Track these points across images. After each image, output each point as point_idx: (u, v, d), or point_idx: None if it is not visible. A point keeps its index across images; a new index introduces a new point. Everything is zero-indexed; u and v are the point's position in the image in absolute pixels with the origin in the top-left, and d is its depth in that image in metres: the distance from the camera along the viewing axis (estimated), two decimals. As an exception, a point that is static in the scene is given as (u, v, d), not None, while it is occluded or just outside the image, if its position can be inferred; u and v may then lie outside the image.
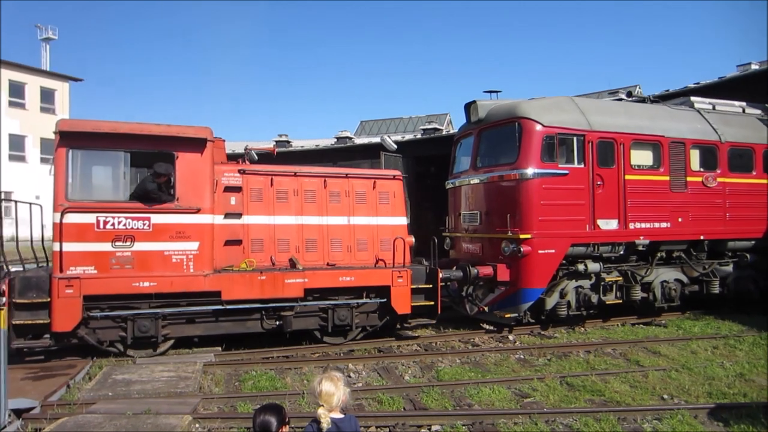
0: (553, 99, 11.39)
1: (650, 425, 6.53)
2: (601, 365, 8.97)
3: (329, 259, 10.22)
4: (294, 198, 10.19)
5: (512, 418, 6.62)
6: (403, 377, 8.61)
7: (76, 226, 8.60)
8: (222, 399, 7.42)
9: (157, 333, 9.07)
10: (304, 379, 8.38)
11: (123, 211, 8.80)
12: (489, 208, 11.25)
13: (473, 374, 8.60)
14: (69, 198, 8.61)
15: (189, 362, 8.87)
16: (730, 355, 9.48)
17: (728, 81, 16.29)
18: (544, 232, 10.50)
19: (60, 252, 8.49)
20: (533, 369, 8.86)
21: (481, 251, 11.40)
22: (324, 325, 9.98)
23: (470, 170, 11.78)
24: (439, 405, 7.22)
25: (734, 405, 7.02)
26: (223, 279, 9.25)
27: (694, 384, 7.99)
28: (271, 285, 9.44)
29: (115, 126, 8.91)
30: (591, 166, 10.85)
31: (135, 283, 8.82)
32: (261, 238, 9.93)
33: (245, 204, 9.84)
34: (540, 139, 10.53)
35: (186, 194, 9.09)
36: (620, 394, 7.52)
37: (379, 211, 10.62)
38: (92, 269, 8.65)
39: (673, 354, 9.57)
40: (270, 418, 3.32)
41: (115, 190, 9.00)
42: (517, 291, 10.62)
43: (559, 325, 11.39)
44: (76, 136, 8.69)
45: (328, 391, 3.51)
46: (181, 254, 9.06)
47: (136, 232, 8.85)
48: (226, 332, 9.59)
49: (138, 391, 7.46)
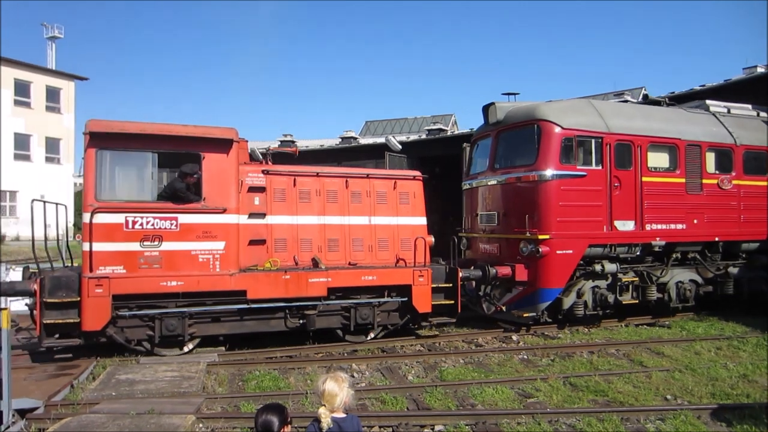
0: (571, 101, 11.56)
1: (653, 425, 6.57)
2: (604, 366, 9.04)
3: (351, 259, 10.36)
4: (316, 198, 10.32)
5: (515, 418, 6.65)
6: (407, 377, 8.67)
7: (106, 226, 8.73)
8: (225, 399, 7.46)
9: (184, 332, 9.20)
10: (308, 379, 8.44)
11: (151, 211, 8.93)
12: (507, 208, 11.39)
13: (476, 374, 8.66)
14: (98, 198, 8.73)
15: (192, 362, 8.95)
16: (733, 356, 9.55)
17: (734, 83, 16.44)
18: (562, 232, 10.64)
19: (90, 252, 8.62)
20: (537, 369, 8.93)
21: (499, 251, 11.55)
22: (346, 323, 10.13)
23: (488, 171, 11.93)
24: (442, 405, 7.28)
25: (737, 406, 7.08)
26: (248, 278, 9.39)
27: (698, 385, 8.04)
28: (295, 284, 9.59)
29: (142, 127, 9.04)
30: (609, 168, 11.01)
31: (163, 283, 8.96)
32: (284, 237, 10.07)
33: (269, 204, 9.97)
34: (559, 141, 10.68)
35: (212, 194, 9.23)
36: (623, 395, 7.57)
37: (399, 211, 10.77)
38: (121, 269, 8.78)
39: (676, 355, 9.64)
40: (272, 417, 3.32)
41: (143, 191, 9.11)
42: (535, 291, 10.77)
43: (576, 325, 11.53)
44: (104, 136, 8.80)
45: (331, 391, 3.51)
46: (207, 254, 9.20)
47: (163, 232, 8.98)
48: (250, 331, 9.73)
49: (141, 391, 7.51)
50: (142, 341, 9.23)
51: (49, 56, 41.49)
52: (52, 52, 41.50)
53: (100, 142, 8.81)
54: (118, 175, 9.09)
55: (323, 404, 3.52)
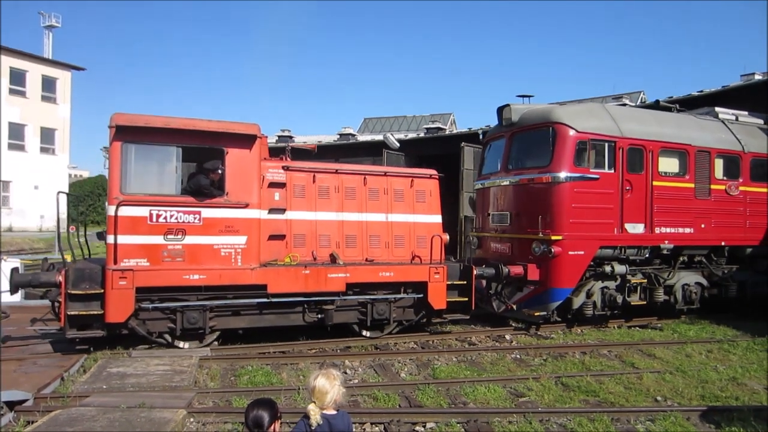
0: (586, 105, 11.79)
1: (643, 426, 6.66)
2: (596, 366, 9.16)
3: (368, 255, 10.52)
4: (335, 195, 10.47)
5: (507, 416, 6.71)
6: (399, 374, 8.73)
7: (130, 219, 8.83)
8: (217, 393, 7.46)
9: (205, 325, 9.33)
10: (300, 375, 8.47)
11: (175, 205, 9.04)
12: (519, 209, 11.62)
13: (469, 373, 8.72)
14: (123, 191, 8.83)
15: (185, 356, 8.98)
16: (723, 359, 9.72)
17: (732, 90, 16.71)
18: (574, 234, 10.88)
19: (114, 244, 8.72)
20: (529, 369, 9.04)
21: (510, 251, 11.78)
22: (363, 319, 10.31)
23: (501, 172, 12.14)
24: (434, 403, 7.31)
25: (726, 408, 7.19)
26: (269, 273, 9.54)
27: (688, 387, 8.16)
28: (314, 279, 9.76)
29: (167, 121, 9.15)
30: (621, 171, 11.27)
31: (185, 276, 9.08)
32: (303, 233, 10.21)
33: (288, 200, 10.10)
34: (573, 144, 10.92)
35: (235, 189, 9.36)
36: (614, 395, 7.67)
37: (415, 208, 10.94)
38: (145, 261, 8.89)
39: (667, 357, 9.78)
40: (262, 412, 3.31)
41: (167, 184, 9.19)
42: (546, 290, 11.00)
43: (585, 324, 11.79)
44: (130, 130, 8.90)
45: (321, 388, 3.48)
46: (229, 248, 9.33)
47: (187, 225, 9.10)
48: (269, 325, 9.88)
49: (133, 385, 7.50)
50: (163, 334, 9.36)
51: (46, 45, 41.23)
52: (49, 41, 41.22)
53: (126, 135, 8.90)
54: (142, 169, 9.14)
55: (313, 401, 3.49)
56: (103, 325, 8.84)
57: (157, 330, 9.29)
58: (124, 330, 9.10)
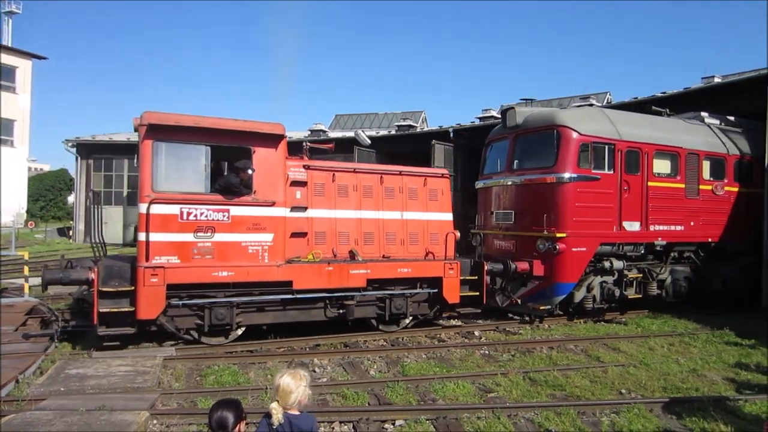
0: (586, 109, 12.57)
1: (608, 419, 6.88)
2: (563, 361, 9.42)
3: (385, 252, 10.99)
4: (353, 193, 10.90)
5: (475, 412, 6.83)
6: (369, 372, 8.82)
7: (162, 217, 9.07)
8: (182, 394, 7.37)
9: (232, 321, 9.65)
10: (268, 374, 8.45)
11: (205, 203, 9.32)
12: (524, 207, 12.29)
13: (438, 369, 8.89)
14: (155, 189, 9.06)
15: (148, 356, 8.97)
16: (684, 352, 10.16)
17: (693, 92, 17.83)
18: (577, 231, 11.61)
19: (147, 242, 8.95)
20: (497, 364, 9.24)
21: (515, 248, 12.44)
22: (381, 313, 10.80)
23: (505, 172, 12.78)
24: (403, 400, 7.39)
25: (687, 399, 7.48)
26: (294, 269, 9.92)
27: (651, 379, 8.47)
28: (337, 275, 10.19)
29: (197, 120, 9.41)
30: (620, 172, 12.07)
31: (215, 273, 9.38)
32: (324, 231, 10.61)
33: (309, 198, 10.47)
34: (577, 146, 11.63)
35: (262, 188, 9.69)
36: (581, 389, 7.91)
37: (428, 207, 11.47)
38: (175, 259, 9.15)
39: (631, 350, 10.16)
40: (227, 413, 3.25)
41: (197, 183, 9.43)
42: (551, 285, 11.71)
43: (585, 317, 12.56)
44: (160, 128, 9.12)
45: (285, 387, 3.45)
46: (257, 245, 9.66)
47: (216, 223, 9.39)
48: (292, 320, 10.25)
49: (93, 386, 7.38)
50: (190, 330, 9.63)
51: (5, 32, 40.02)
52: (8, 28, 40.00)
53: (156, 134, 9.12)
54: (173, 167, 9.35)
55: (276, 399, 3.46)
56: (134, 321, 9.07)
57: (184, 326, 9.55)
58: (152, 327, 9.35)
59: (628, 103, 19.40)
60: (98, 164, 36.94)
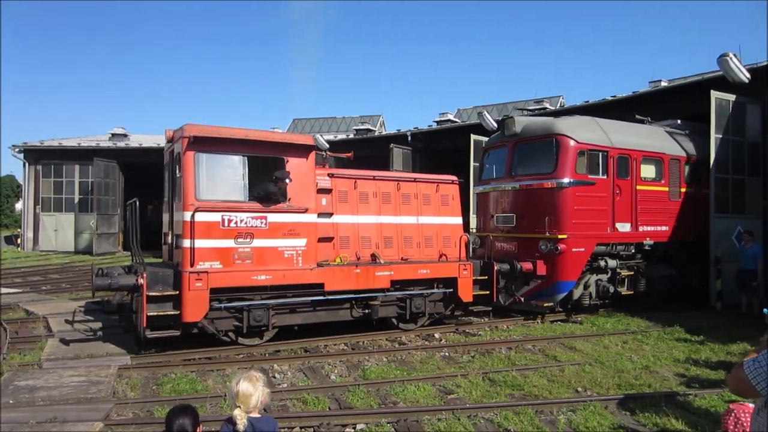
0: (581, 119, 14.04)
1: (565, 416, 7.21)
2: (521, 361, 9.91)
3: (403, 255, 12.12)
4: (373, 199, 11.98)
5: (436, 414, 7.11)
6: (329, 377, 9.10)
7: (205, 224, 9.90)
8: (137, 404, 7.44)
9: (269, 322, 10.55)
10: (227, 381, 8.61)
11: (244, 211, 10.19)
12: (525, 211, 13.65)
13: (399, 372, 9.20)
14: (198, 198, 9.89)
15: (102, 366, 9.09)
16: (637, 349, 10.76)
17: (641, 96, 19.91)
18: (576, 233, 13.05)
19: (192, 248, 9.76)
20: (458, 366, 9.62)
21: (517, 249, 13.78)
22: (401, 313, 11.90)
23: (505, 177, 14.12)
24: (364, 404, 7.61)
25: (640, 395, 7.91)
26: (326, 272, 10.91)
27: (606, 377, 8.91)
28: (364, 277, 11.24)
29: (234, 132, 10.31)
30: (612, 177, 13.60)
31: (254, 277, 10.26)
32: (347, 235, 11.64)
33: (334, 204, 11.50)
34: (575, 153, 13.08)
35: (296, 195, 10.64)
36: (538, 388, 8.29)
37: (441, 211, 12.68)
38: (218, 264, 9.98)
39: (587, 349, 10.69)
40: (186, 420, 3.35)
41: (236, 191, 10.29)
42: (553, 283, 13.09)
43: (582, 313, 13.99)
44: (201, 140, 9.97)
45: (245, 391, 3.56)
46: (291, 250, 10.60)
47: (254, 229, 10.29)
48: (321, 321, 11.21)
49: (43, 398, 7.43)
50: (229, 332, 10.47)
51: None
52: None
53: (198, 145, 9.95)
54: (213, 177, 10.19)
55: (238, 405, 3.57)
56: (179, 324, 9.86)
57: (223, 328, 10.38)
58: (194, 329, 10.15)
59: (581, 106, 21.46)
60: (47, 170, 36.58)
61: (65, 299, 16.49)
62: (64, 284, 20.13)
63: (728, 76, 15.32)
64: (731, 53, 15.05)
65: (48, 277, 22.18)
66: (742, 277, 14.26)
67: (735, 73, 15.16)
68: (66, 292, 18.25)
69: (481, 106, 41.51)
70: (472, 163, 22.44)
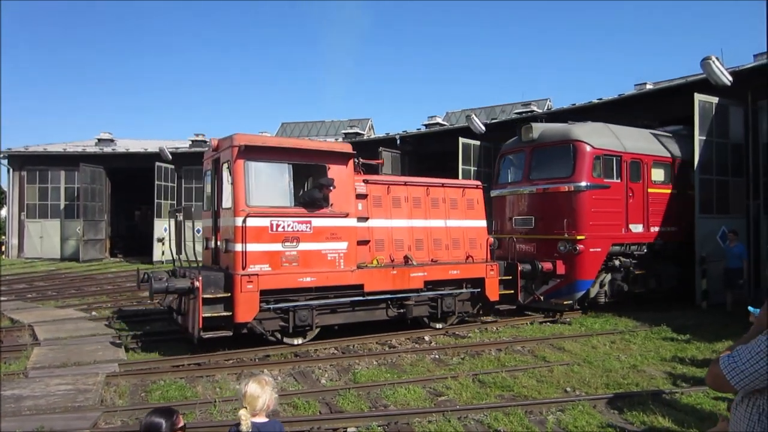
0: (594, 125, 15.13)
1: (554, 416, 7.41)
2: (510, 362, 10.20)
3: (432, 256, 13.05)
4: (405, 204, 12.89)
5: (426, 416, 7.28)
6: (320, 381, 9.31)
7: (255, 229, 10.71)
8: (126, 411, 7.49)
9: (312, 322, 11.38)
10: (217, 387, 8.86)
11: (291, 216, 11.02)
12: (543, 213, 14.68)
13: (389, 375, 9.43)
14: (249, 204, 10.70)
15: (90, 373, 9.17)
16: (625, 349, 11.15)
17: (627, 98, 21.01)
18: (593, 234, 14.11)
19: (243, 252, 10.57)
20: (447, 368, 9.89)
21: (536, 250, 14.80)
22: (433, 312, 12.82)
23: (523, 181, 15.15)
24: (355, 407, 7.77)
25: (628, 394, 8.18)
26: (365, 274, 11.78)
27: (594, 376, 9.20)
28: (400, 278, 12.13)
29: (280, 141, 11.22)
30: (626, 181, 14.71)
31: (300, 279, 11.08)
32: (382, 238, 12.53)
33: (369, 209, 12.38)
34: (591, 158, 14.15)
35: (337, 201, 11.50)
36: (528, 389, 8.53)
37: (467, 215, 13.65)
38: (267, 267, 10.79)
39: (576, 349, 11.05)
40: (158, 419, 3.25)
41: (283, 197, 11.12)
42: (572, 282, 14.13)
43: (598, 310, 15.02)
44: (250, 149, 10.79)
45: (252, 393, 3.63)
46: (334, 253, 11.45)
47: (300, 234, 11.12)
48: (359, 320, 12.06)
49: (30, 408, 7.44)
50: (275, 332, 11.27)
51: None
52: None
53: (247, 154, 10.77)
54: (262, 184, 11.01)
55: (244, 406, 3.63)
56: (230, 325, 10.63)
57: (270, 329, 11.18)
58: (243, 330, 10.94)
59: (568, 109, 22.46)
60: (32, 176, 36.82)
61: (51, 307, 16.77)
62: (50, 291, 20.31)
63: (711, 79, 16.14)
64: (714, 57, 15.92)
65: (33, 285, 22.26)
66: (729, 276, 14.92)
67: (718, 76, 16.02)
68: (52, 299, 18.33)
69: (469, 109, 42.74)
70: (461, 166, 23.52)
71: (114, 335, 12.38)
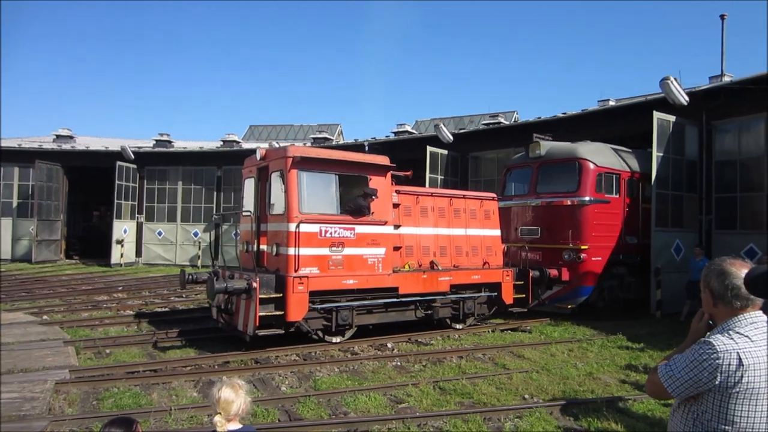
0: (596, 145, 17.16)
1: (512, 423, 7.75)
2: (471, 369, 10.61)
3: (455, 262, 14.71)
4: (431, 213, 14.52)
5: (386, 423, 7.54)
6: (280, 388, 9.51)
7: (307, 234, 12.11)
8: (75, 420, 7.44)
9: (353, 322, 12.83)
10: (173, 395, 8.93)
11: (337, 223, 12.46)
12: (549, 224, 16.56)
13: (351, 382, 9.75)
14: (301, 211, 12.11)
15: (38, 380, 9.06)
16: (582, 357, 11.67)
17: (590, 114, 22.90)
18: (595, 244, 16.08)
19: (296, 255, 11.94)
20: (409, 375, 10.29)
21: (541, 258, 16.66)
22: (455, 314, 14.47)
23: (530, 195, 17.02)
24: (315, 415, 7.99)
25: (583, 401, 8.56)
26: (400, 277, 13.33)
27: (551, 384, 9.64)
28: (429, 282, 13.73)
29: (330, 153, 12.65)
30: (623, 196, 16.77)
31: (344, 281, 12.52)
32: (411, 245, 14.12)
33: (400, 218, 13.94)
34: (594, 175, 16.14)
35: (377, 209, 13.01)
36: (487, 396, 8.89)
37: (484, 224, 15.39)
38: (316, 270, 12.20)
39: (535, 357, 11.61)
40: (116, 430, 3.26)
41: (331, 205, 12.54)
42: (576, 288, 16.05)
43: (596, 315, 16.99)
44: (302, 160, 12.20)
45: (227, 398, 3.68)
46: (374, 257, 12.95)
47: (345, 239, 12.58)
48: (391, 321, 13.57)
49: None
50: (318, 330, 12.67)
51: None
52: None
53: (300, 164, 12.16)
54: (313, 192, 12.39)
55: (219, 412, 3.69)
56: (282, 323, 11.98)
57: (314, 328, 12.57)
58: (291, 328, 12.29)
59: (534, 122, 24.13)
60: (-18, 173, 36.37)
61: (-1, 310, 16.45)
62: (-1, 294, 19.85)
63: (669, 98, 17.59)
64: (672, 77, 17.67)
65: (-21, 287, 21.41)
66: (692, 288, 15.56)
67: (675, 96, 17.50)
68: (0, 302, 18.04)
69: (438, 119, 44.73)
70: (428, 175, 25.13)
71: (66, 340, 12.66)
